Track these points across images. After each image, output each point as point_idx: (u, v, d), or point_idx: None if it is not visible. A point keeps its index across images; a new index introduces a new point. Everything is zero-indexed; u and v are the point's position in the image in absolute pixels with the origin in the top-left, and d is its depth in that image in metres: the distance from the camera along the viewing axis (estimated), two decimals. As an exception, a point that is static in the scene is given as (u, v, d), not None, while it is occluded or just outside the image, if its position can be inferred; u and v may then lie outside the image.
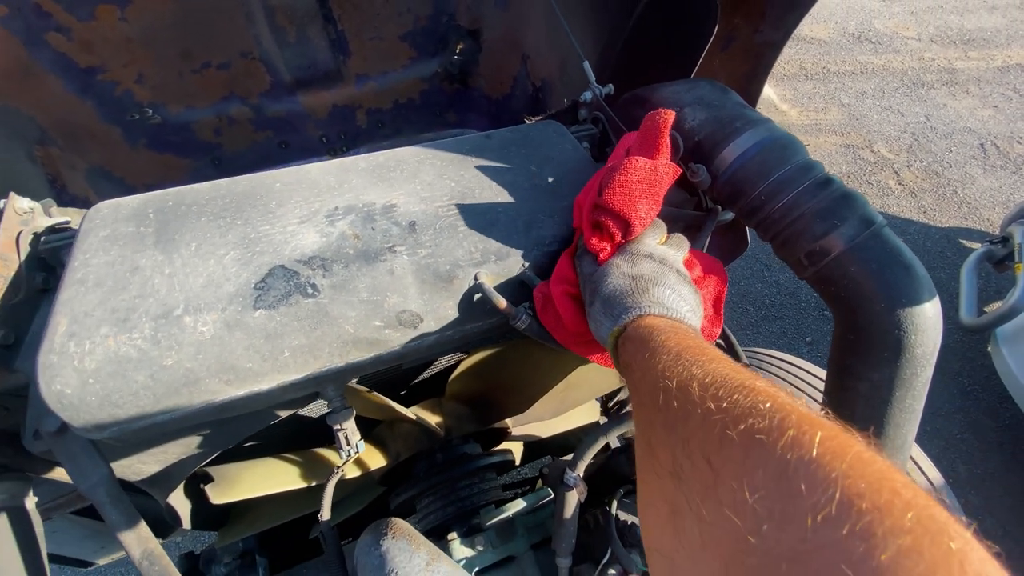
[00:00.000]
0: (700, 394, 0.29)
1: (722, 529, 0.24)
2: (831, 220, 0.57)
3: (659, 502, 0.30)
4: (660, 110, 0.55)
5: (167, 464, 0.63)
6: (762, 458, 0.24)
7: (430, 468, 0.89)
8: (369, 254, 0.47)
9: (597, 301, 0.46)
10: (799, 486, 0.22)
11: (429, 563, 0.48)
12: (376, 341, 0.46)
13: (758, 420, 0.25)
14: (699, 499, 0.26)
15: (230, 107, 1.53)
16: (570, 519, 0.56)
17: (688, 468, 0.27)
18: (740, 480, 0.24)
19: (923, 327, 0.55)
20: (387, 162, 0.56)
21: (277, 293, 0.44)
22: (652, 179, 0.51)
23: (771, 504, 0.22)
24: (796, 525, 0.21)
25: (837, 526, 0.20)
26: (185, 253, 0.46)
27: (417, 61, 1.64)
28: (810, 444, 0.23)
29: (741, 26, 1.03)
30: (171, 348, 0.42)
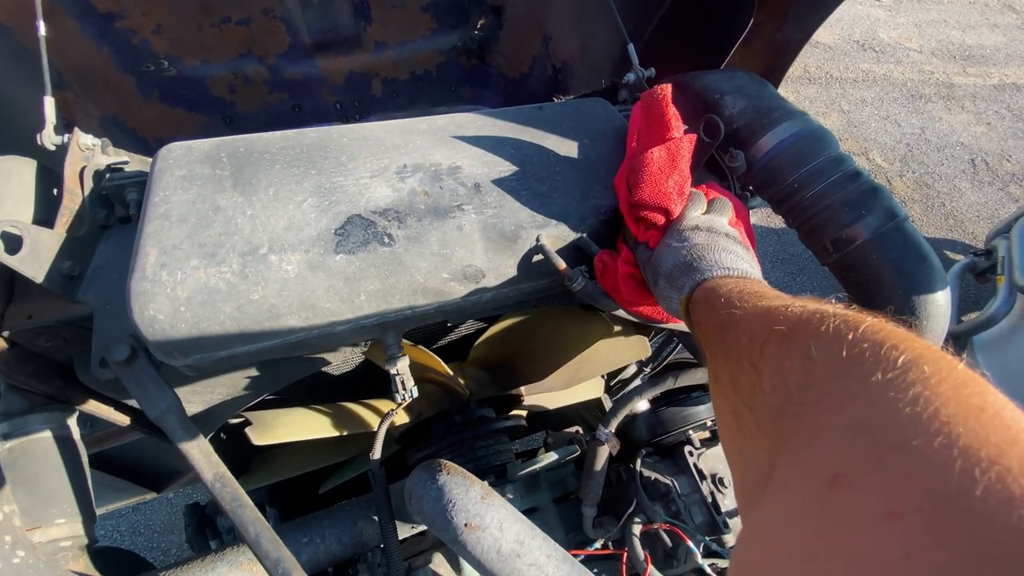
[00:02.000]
0: (753, 321, 0.35)
1: (768, 407, 0.30)
2: (858, 210, 0.61)
3: (727, 415, 0.35)
4: (656, 87, 0.58)
5: (213, 403, 0.65)
6: (791, 353, 0.30)
7: (448, 429, 0.93)
8: (439, 210, 0.50)
9: (661, 280, 0.50)
10: (825, 361, 0.28)
11: (484, 497, 0.52)
12: (442, 292, 0.49)
13: (798, 327, 0.31)
14: (750, 396, 0.32)
15: (247, 65, 1.51)
16: (599, 472, 0.61)
17: (742, 376, 0.33)
18: (783, 372, 0.30)
19: (934, 314, 0.60)
20: (447, 126, 0.58)
21: (356, 240, 0.47)
22: (672, 161, 0.54)
23: (805, 381, 0.28)
24: (817, 382, 0.27)
25: (876, 349, 0.26)
26: (264, 197, 0.49)
27: (437, 33, 1.63)
28: (866, 320, 0.28)
29: (765, 22, 1.06)
30: (258, 283, 0.44)
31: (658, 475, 0.63)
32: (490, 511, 0.51)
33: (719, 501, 0.62)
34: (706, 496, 0.62)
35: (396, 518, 0.61)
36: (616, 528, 0.61)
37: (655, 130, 0.55)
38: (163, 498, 2.00)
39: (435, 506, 0.52)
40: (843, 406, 0.25)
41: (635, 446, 0.71)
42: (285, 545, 0.49)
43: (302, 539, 0.60)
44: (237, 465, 0.98)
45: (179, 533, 1.95)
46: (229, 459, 0.94)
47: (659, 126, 0.55)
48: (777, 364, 0.30)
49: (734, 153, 0.66)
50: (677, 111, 0.57)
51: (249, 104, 1.56)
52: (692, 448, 0.65)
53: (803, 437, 0.26)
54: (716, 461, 0.67)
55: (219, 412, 0.67)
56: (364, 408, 0.83)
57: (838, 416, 0.24)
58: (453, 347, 1.02)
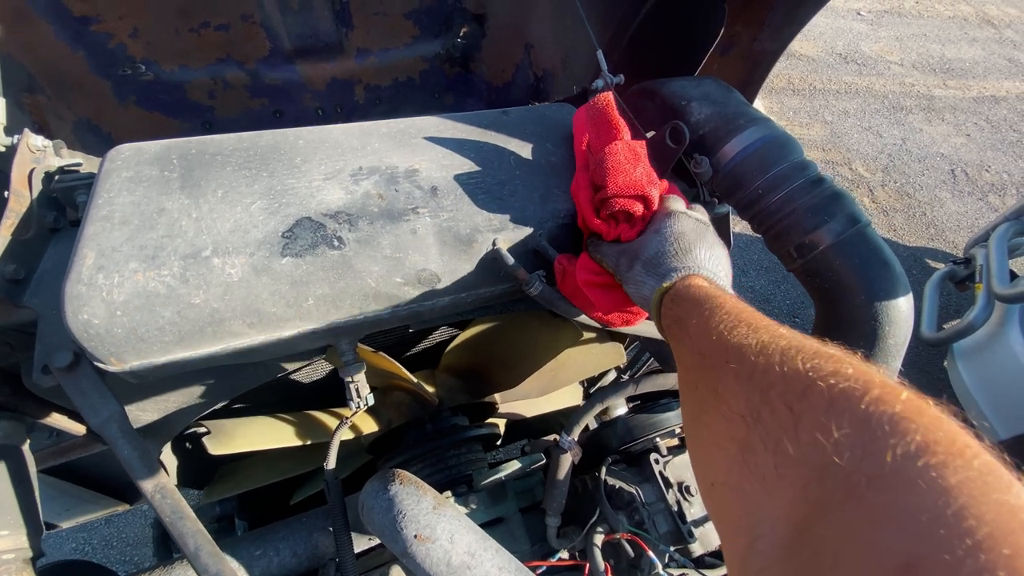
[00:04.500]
0: (781, 355, 0.32)
1: (801, 459, 0.27)
2: (821, 216, 0.61)
3: (725, 442, 0.33)
4: (598, 95, 0.57)
5: (168, 412, 0.63)
6: (847, 407, 0.27)
7: (419, 437, 0.91)
8: (393, 213, 0.49)
9: (638, 264, 0.48)
10: (882, 429, 0.25)
11: (436, 507, 0.51)
12: (395, 297, 0.48)
13: (842, 379, 0.28)
14: (777, 438, 0.29)
15: (226, 70, 1.50)
16: (562, 480, 0.60)
17: (767, 413, 0.30)
18: (824, 421, 0.27)
19: (896, 320, 0.60)
20: (408, 128, 0.58)
21: (304, 243, 0.46)
22: (634, 154, 0.53)
23: (853, 439, 0.25)
24: (877, 456, 0.24)
25: (914, 458, 0.23)
26: (212, 199, 0.47)
27: (420, 40, 1.63)
28: (893, 401, 0.26)
29: (741, 33, 1.07)
30: (199, 287, 0.43)
31: (623, 483, 0.62)
32: (441, 522, 0.50)
33: (685, 510, 0.61)
34: (672, 505, 0.61)
35: (354, 530, 0.60)
36: (580, 538, 0.60)
37: (605, 135, 0.55)
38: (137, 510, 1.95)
39: (385, 517, 0.51)
40: (912, 490, 0.23)
41: (605, 454, 0.70)
42: (237, 558, 0.48)
43: (255, 552, 0.58)
44: (204, 473, 0.96)
45: (153, 546, 1.90)
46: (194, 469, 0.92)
47: (608, 130, 0.55)
48: (825, 421, 0.27)
49: (699, 159, 0.66)
50: (622, 119, 0.56)
51: (229, 109, 1.54)
52: (659, 456, 0.64)
53: (866, 514, 0.24)
54: (683, 469, 0.66)
55: (175, 421, 0.66)
56: (331, 417, 0.82)
57: (908, 499, 0.23)
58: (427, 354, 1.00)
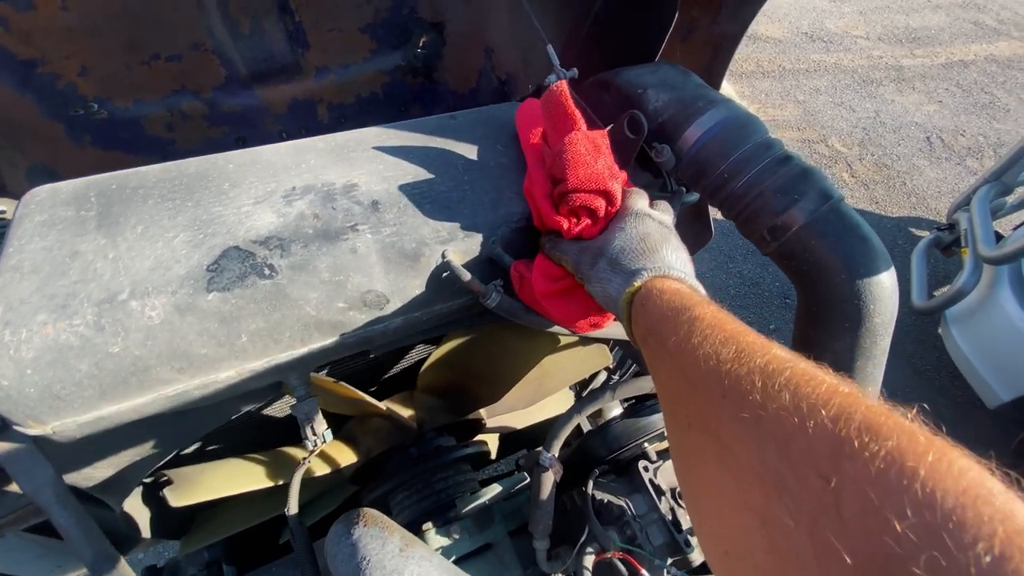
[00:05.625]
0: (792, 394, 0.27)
1: (855, 551, 0.22)
2: (791, 195, 0.58)
3: (742, 509, 0.28)
4: (552, 86, 0.54)
5: (121, 467, 0.59)
6: (900, 486, 0.22)
7: (403, 463, 0.87)
8: (330, 233, 0.45)
9: (601, 261, 0.45)
10: (951, 520, 0.21)
11: (403, 549, 0.47)
12: (340, 323, 0.45)
13: (883, 440, 0.23)
14: (813, 517, 0.24)
15: (182, 101, 1.46)
16: (546, 501, 0.56)
17: (793, 480, 0.25)
18: (876, 503, 0.22)
19: (880, 296, 0.57)
20: (347, 142, 0.54)
21: (232, 275, 0.42)
22: (595, 145, 0.50)
23: (923, 535, 0.21)
24: (957, 559, 0.20)
25: (1003, 564, 0.19)
26: (130, 236, 0.44)
27: (378, 54, 1.60)
28: (954, 476, 0.22)
29: (700, 18, 1.05)
30: (117, 334, 0.39)
31: (611, 496, 0.58)
32: (409, 565, 0.46)
33: (680, 518, 0.58)
34: (665, 514, 0.57)
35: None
36: (571, 559, 0.56)
37: (562, 126, 0.51)
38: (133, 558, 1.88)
39: (349, 564, 0.47)
40: None
41: (594, 465, 0.67)
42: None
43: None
44: (181, 521, 0.91)
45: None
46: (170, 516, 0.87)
47: (565, 121, 0.51)
48: (877, 502, 0.22)
49: (660, 148, 0.63)
50: (579, 111, 0.53)
51: (189, 141, 1.50)
52: (647, 462, 0.61)
53: None
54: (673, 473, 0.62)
55: (131, 475, 0.61)
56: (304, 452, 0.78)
57: None
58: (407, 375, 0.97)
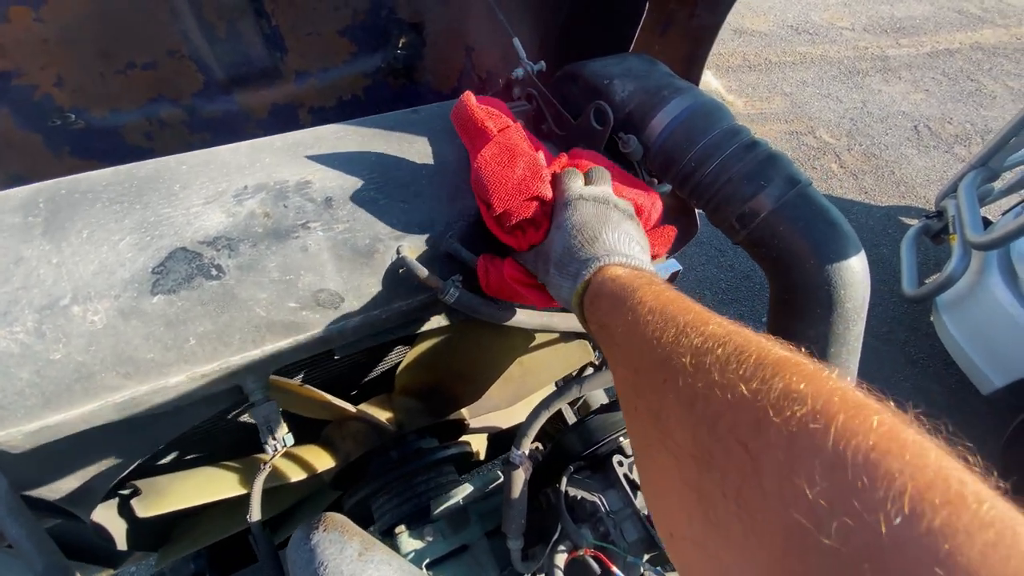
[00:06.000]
0: (721, 372, 0.27)
1: (771, 518, 0.22)
2: (758, 181, 0.57)
3: (681, 487, 0.27)
4: (460, 97, 0.52)
5: (85, 478, 0.58)
6: (812, 447, 0.22)
7: (384, 466, 0.86)
8: (280, 232, 0.45)
9: (551, 267, 0.44)
10: (860, 480, 0.20)
11: (362, 553, 0.46)
12: (293, 324, 0.44)
13: (798, 406, 0.23)
14: (736, 488, 0.24)
15: (160, 109, 1.45)
16: (518, 499, 0.55)
17: (720, 453, 0.25)
18: (789, 468, 0.22)
19: (851, 281, 0.57)
20: (305, 139, 0.53)
21: (177, 276, 0.41)
22: (507, 150, 0.47)
23: (833, 499, 0.20)
24: (868, 526, 0.19)
25: (913, 523, 0.19)
26: (75, 241, 0.43)
27: (359, 56, 1.59)
28: (864, 432, 0.21)
29: (677, 11, 1.05)
30: (58, 341, 0.38)
31: (585, 493, 0.57)
32: (367, 569, 0.45)
33: (656, 512, 0.57)
34: (640, 508, 0.56)
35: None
36: (543, 559, 0.55)
37: (476, 138, 0.49)
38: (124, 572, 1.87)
39: (306, 571, 0.45)
40: None
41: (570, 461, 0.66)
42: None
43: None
44: (159, 532, 0.90)
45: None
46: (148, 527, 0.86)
47: (476, 133, 0.49)
48: (789, 467, 0.22)
49: (625, 138, 0.63)
50: (492, 111, 0.51)
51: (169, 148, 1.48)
52: (622, 457, 0.60)
53: None
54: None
55: (97, 485, 0.60)
56: (281, 458, 0.76)
57: None
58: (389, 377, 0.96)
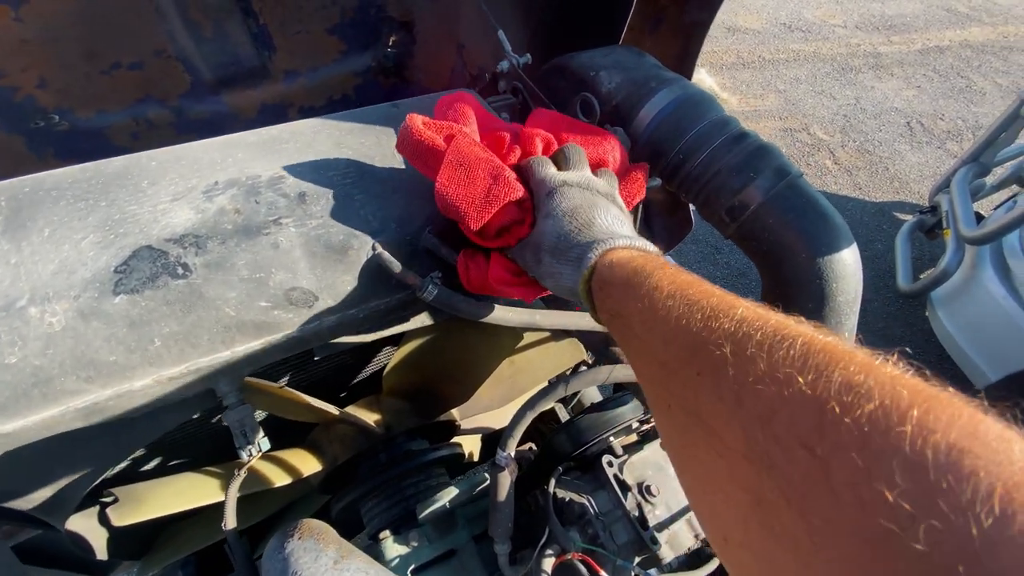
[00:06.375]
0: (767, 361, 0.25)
1: (849, 529, 0.20)
2: (747, 173, 0.56)
3: (734, 491, 0.26)
4: (402, 125, 0.49)
5: (56, 487, 0.56)
6: (888, 448, 0.20)
7: (372, 469, 0.84)
8: (250, 229, 0.43)
9: (545, 256, 0.42)
10: (945, 480, 0.19)
11: (337, 561, 0.44)
12: (265, 324, 0.42)
13: (865, 400, 0.21)
14: (802, 495, 0.22)
15: (147, 110, 1.43)
16: (504, 502, 0.53)
17: (779, 455, 0.23)
18: (865, 474, 0.20)
19: (843, 274, 0.55)
20: (279, 135, 0.52)
21: (141, 275, 0.40)
22: (461, 161, 0.45)
23: (918, 502, 0.19)
24: (957, 525, 0.18)
25: (1005, 524, 0.17)
26: (36, 240, 0.41)
27: (348, 55, 1.58)
28: (943, 427, 0.20)
29: (668, 7, 1.04)
30: (13, 344, 0.37)
31: (574, 495, 0.56)
32: (343, 577, 0.43)
33: (647, 514, 0.55)
34: (630, 510, 0.55)
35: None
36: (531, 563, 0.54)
37: (429, 159, 0.47)
38: (116, 582, 1.84)
39: (281, 580, 0.44)
40: None
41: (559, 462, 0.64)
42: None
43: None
44: (143, 540, 0.88)
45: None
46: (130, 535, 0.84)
47: (427, 154, 0.47)
48: (866, 470, 0.20)
49: (612, 130, 0.61)
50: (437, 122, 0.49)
51: (156, 150, 1.47)
52: (612, 457, 0.58)
53: None
54: (643, 467, 0.60)
55: (70, 494, 0.58)
56: (264, 462, 0.75)
57: None
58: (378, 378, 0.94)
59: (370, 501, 0.81)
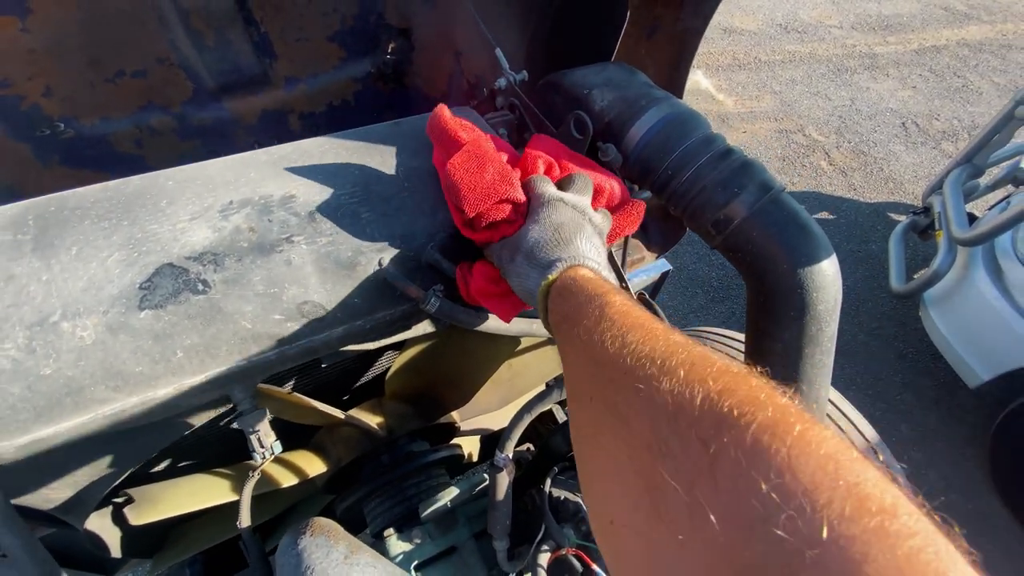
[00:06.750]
0: (687, 371, 0.29)
1: (721, 511, 0.24)
2: (732, 188, 0.59)
3: (628, 474, 0.29)
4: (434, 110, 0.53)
5: (78, 487, 0.59)
6: (770, 451, 0.24)
7: (375, 470, 0.88)
8: (264, 246, 0.46)
9: (519, 256, 0.45)
10: (812, 482, 0.23)
11: (348, 556, 0.47)
12: (278, 335, 0.45)
13: (760, 411, 0.26)
14: (691, 479, 0.26)
15: (150, 117, 1.45)
16: (503, 500, 0.56)
17: (677, 446, 0.27)
18: (746, 466, 0.24)
19: (822, 284, 0.58)
20: (290, 154, 0.55)
21: (164, 292, 0.43)
22: (476, 157, 0.48)
23: (785, 495, 0.23)
24: (813, 519, 0.22)
25: (852, 523, 0.21)
26: (64, 258, 0.44)
27: (348, 62, 1.60)
28: (817, 444, 0.24)
29: (663, 15, 1.07)
30: (48, 356, 0.40)
31: (568, 493, 0.59)
32: (353, 572, 0.46)
33: (638, 511, 0.58)
34: (622, 508, 0.58)
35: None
36: (528, 558, 0.57)
37: (449, 147, 0.50)
38: (122, 580, 1.87)
39: (294, 575, 0.47)
40: None
41: (554, 462, 0.67)
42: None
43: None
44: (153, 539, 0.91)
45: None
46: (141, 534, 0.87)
47: (449, 142, 0.50)
48: (746, 464, 0.24)
49: (604, 147, 0.64)
50: (464, 122, 0.52)
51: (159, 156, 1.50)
52: (605, 458, 0.61)
53: None
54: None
55: (89, 495, 0.62)
56: (272, 464, 0.78)
57: None
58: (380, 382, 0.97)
59: (373, 501, 0.85)
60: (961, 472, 2.03)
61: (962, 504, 1.94)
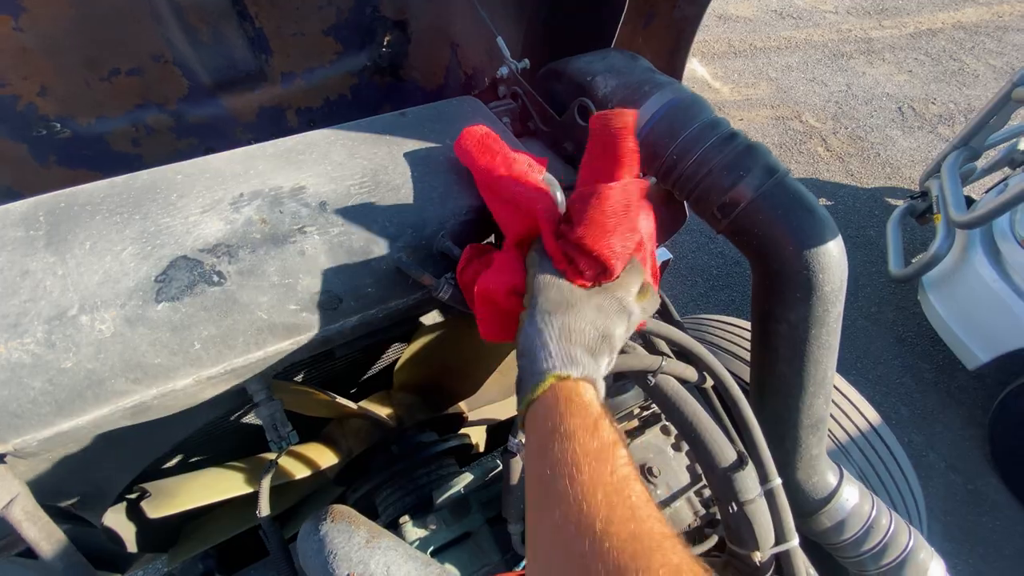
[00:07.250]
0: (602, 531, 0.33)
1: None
2: (737, 172, 0.59)
3: (561, 531, 0.34)
4: (615, 111, 0.45)
5: (97, 482, 0.60)
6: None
7: (386, 461, 0.88)
8: (277, 237, 0.46)
9: (520, 339, 0.42)
10: None
11: (369, 540, 0.48)
12: (294, 325, 0.45)
13: (646, 559, 0.31)
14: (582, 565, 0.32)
15: (147, 115, 1.44)
16: (516, 485, 0.57)
17: (560, 514, 0.34)
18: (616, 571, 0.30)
19: (828, 265, 0.59)
20: (296, 146, 0.55)
21: (180, 284, 0.43)
22: (625, 208, 0.43)
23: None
24: None
25: None
26: (79, 252, 0.44)
27: (344, 55, 1.59)
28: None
29: (660, 3, 1.06)
30: (68, 350, 0.40)
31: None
32: (375, 555, 0.47)
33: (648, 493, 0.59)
34: (634, 490, 0.59)
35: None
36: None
37: (608, 168, 0.45)
38: None
39: (317, 559, 0.48)
40: None
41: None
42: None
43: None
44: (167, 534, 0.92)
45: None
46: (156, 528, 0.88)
47: (612, 163, 0.44)
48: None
49: (609, 133, 0.64)
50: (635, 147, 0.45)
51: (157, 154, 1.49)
52: (616, 442, 0.62)
53: None
54: (644, 450, 0.64)
55: (107, 487, 0.62)
56: (285, 456, 0.78)
57: None
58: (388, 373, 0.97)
59: (385, 491, 0.85)
60: (961, 453, 2.05)
61: (962, 485, 1.96)
